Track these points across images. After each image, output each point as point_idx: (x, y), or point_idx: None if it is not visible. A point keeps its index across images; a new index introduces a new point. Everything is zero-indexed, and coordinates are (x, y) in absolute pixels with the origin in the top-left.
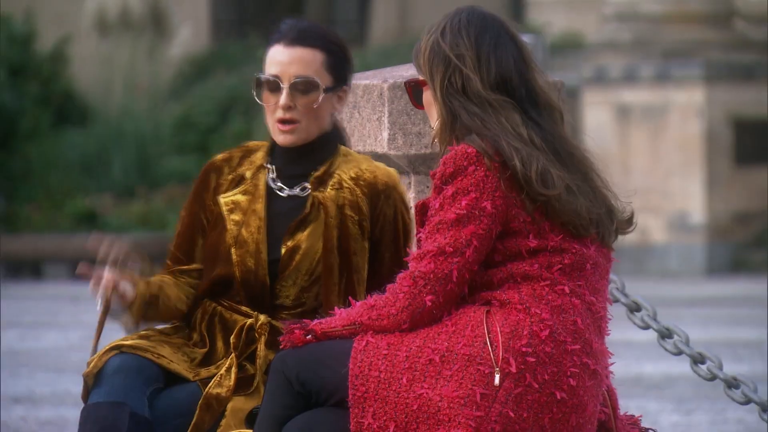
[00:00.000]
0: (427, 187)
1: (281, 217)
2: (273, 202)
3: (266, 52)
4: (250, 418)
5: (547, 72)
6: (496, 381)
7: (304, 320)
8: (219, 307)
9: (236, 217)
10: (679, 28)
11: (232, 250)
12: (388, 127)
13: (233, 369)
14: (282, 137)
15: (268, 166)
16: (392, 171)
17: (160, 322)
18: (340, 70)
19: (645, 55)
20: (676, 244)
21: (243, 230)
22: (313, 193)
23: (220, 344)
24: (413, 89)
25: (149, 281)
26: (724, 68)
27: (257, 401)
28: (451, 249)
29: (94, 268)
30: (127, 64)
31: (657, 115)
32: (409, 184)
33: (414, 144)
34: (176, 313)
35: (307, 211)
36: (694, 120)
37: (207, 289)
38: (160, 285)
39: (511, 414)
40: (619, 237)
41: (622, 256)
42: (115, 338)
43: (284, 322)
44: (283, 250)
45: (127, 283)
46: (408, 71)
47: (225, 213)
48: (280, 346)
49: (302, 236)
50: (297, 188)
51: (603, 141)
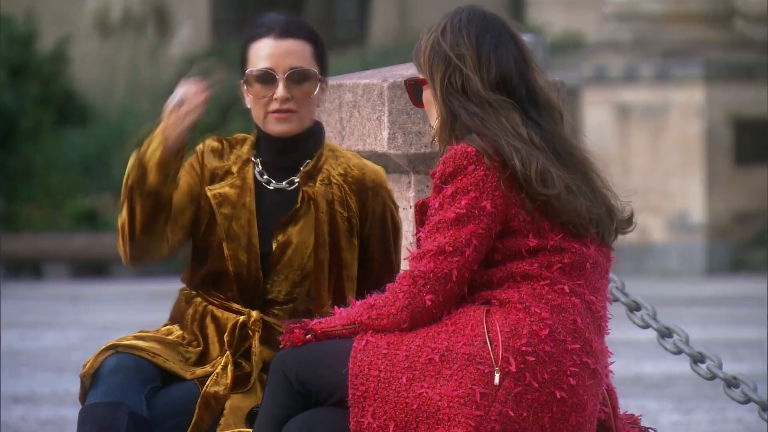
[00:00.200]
0: (427, 187)
1: (270, 211)
2: (261, 196)
3: (246, 49)
4: (250, 418)
5: (547, 72)
6: (496, 380)
7: (304, 320)
8: (210, 306)
9: (226, 211)
10: (679, 27)
11: (224, 244)
12: (387, 127)
13: (229, 367)
14: (279, 126)
15: (255, 159)
16: (379, 168)
17: (153, 207)
18: (324, 61)
19: (645, 54)
20: (676, 244)
21: (233, 224)
22: (304, 188)
23: (213, 343)
24: (413, 88)
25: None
26: (724, 68)
27: (255, 399)
28: (451, 248)
29: (205, 81)
30: (128, 64)
31: (657, 114)
32: (409, 183)
33: (414, 143)
34: (160, 225)
35: (298, 206)
36: (694, 120)
37: (198, 283)
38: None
39: (511, 413)
40: (619, 236)
41: (622, 256)
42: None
43: (282, 321)
44: (275, 245)
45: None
46: (408, 71)
47: (214, 206)
48: (280, 346)
49: (293, 231)
50: (284, 182)
51: (603, 141)
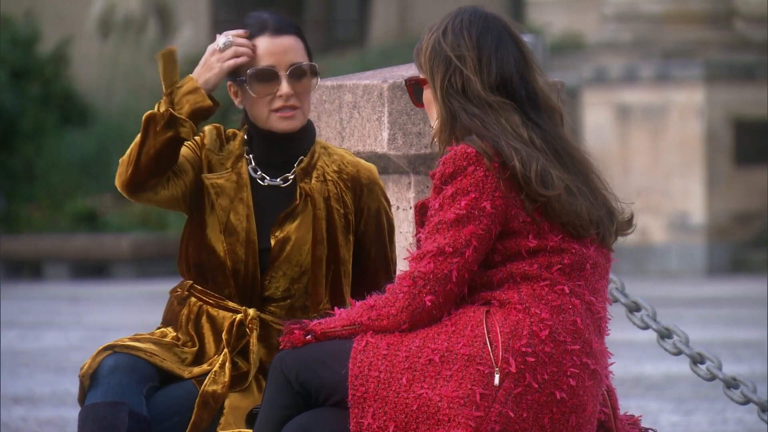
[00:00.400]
0: (427, 187)
1: (265, 208)
2: (255, 192)
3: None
4: (250, 418)
5: (547, 72)
6: (496, 381)
7: (304, 320)
8: (205, 306)
9: (223, 203)
10: (679, 28)
11: (222, 237)
12: (388, 127)
13: (227, 365)
14: (285, 123)
15: (247, 155)
16: (372, 166)
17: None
18: (311, 56)
19: (645, 55)
20: (676, 244)
21: (231, 217)
22: (300, 184)
23: (209, 342)
24: (414, 87)
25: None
26: (724, 68)
27: (253, 398)
28: (451, 249)
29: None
30: (128, 65)
31: (657, 115)
32: (409, 184)
33: (414, 144)
34: (168, 160)
35: (296, 202)
36: (694, 120)
37: (194, 274)
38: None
39: (511, 414)
40: (619, 238)
41: (622, 257)
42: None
43: (281, 320)
44: (273, 242)
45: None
46: (408, 71)
47: (212, 195)
48: (280, 347)
49: (291, 227)
50: (278, 178)
51: (603, 141)
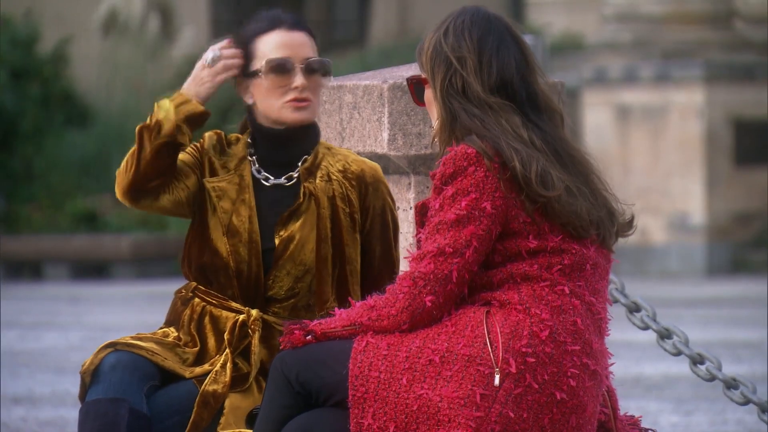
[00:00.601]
0: (427, 188)
1: (269, 207)
2: (259, 193)
3: (252, 43)
4: (250, 419)
5: (547, 73)
6: (496, 381)
7: (304, 321)
8: (208, 306)
9: (225, 205)
10: (679, 28)
11: (224, 239)
12: (388, 128)
13: (228, 365)
14: (297, 114)
15: (250, 157)
16: (376, 165)
17: (163, 148)
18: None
19: (645, 55)
20: (676, 245)
21: (234, 219)
22: (304, 183)
23: (211, 342)
24: (415, 86)
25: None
26: (724, 69)
27: (253, 398)
28: (451, 249)
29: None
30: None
31: (657, 115)
32: (409, 184)
33: (414, 144)
34: (166, 166)
35: (300, 201)
36: (694, 120)
37: (198, 276)
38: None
39: (511, 414)
40: (620, 239)
41: (622, 257)
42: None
43: (283, 321)
44: (277, 241)
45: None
46: (408, 71)
47: (214, 199)
48: (280, 347)
49: (295, 226)
50: (282, 177)
51: (603, 141)
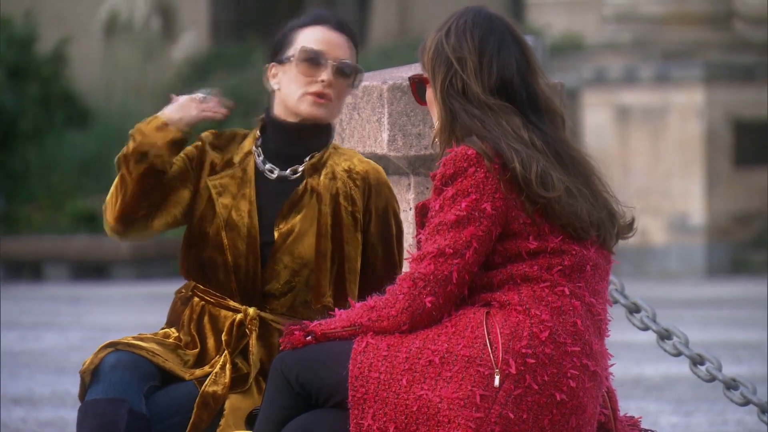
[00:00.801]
0: (427, 189)
1: (271, 201)
2: (262, 186)
3: (293, 33)
4: (250, 420)
5: (547, 73)
6: (496, 382)
7: (304, 321)
8: (207, 306)
9: (225, 201)
10: (679, 28)
11: (223, 234)
12: (387, 129)
13: (227, 366)
14: (314, 108)
15: (256, 149)
16: (380, 167)
17: (145, 172)
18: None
19: (645, 55)
20: (676, 245)
21: (233, 213)
22: (308, 179)
23: (211, 343)
24: (417, 85)
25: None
26: (723, 69)
27: (253, 399)
28: (451, 250)
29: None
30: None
31: (657, 116)
32: (409, 185)
33: (414, 145)
34: (149, 185)
35: (300, 193)
36: (694, 121)
37: (195, 273)
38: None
39: (511, 415)
40: (620, 240)
41: (622, 258)
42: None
43: (281, 320)
44: (276, 233)
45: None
46: (408, 72)
47: (214, 196)
48: (280, 348)
49: (296, 219)
50: (288, 170)
51: (603, 142)
